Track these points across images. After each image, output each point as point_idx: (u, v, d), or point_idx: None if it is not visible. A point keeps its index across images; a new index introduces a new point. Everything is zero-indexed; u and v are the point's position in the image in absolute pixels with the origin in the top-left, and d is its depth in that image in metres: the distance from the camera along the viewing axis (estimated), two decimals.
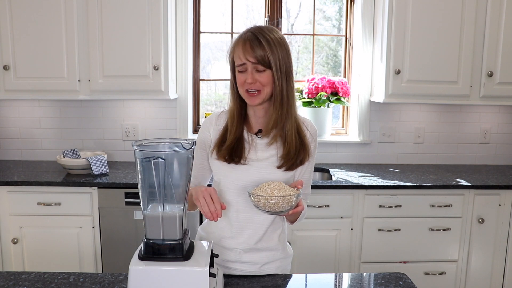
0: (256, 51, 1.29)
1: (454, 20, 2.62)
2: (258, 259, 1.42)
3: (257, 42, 1.29)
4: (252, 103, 1.35)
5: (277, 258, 1.45)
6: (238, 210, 1.39)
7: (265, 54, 1.29)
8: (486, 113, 3.08)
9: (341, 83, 2.94)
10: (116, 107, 2.96)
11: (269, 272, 1.43)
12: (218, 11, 3.11)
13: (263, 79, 1.31)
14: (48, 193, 2.43)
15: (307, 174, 1.46)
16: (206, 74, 3.19)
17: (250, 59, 1.30)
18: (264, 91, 1.33)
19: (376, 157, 3.09)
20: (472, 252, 2.58)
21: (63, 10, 2.52)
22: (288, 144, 1.36)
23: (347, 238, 2.52)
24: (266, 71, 1.31)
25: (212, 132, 1.44)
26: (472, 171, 2.87)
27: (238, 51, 1.32)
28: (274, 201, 1.20)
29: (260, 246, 1.41)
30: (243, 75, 1.32)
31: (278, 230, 1.46)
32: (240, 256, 1.41)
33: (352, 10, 3.07)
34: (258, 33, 1.31)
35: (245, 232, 1.40)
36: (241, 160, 1.36)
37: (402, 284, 1.30)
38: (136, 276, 1.07)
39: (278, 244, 1.45)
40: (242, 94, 1.36)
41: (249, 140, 1.39)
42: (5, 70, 2.56)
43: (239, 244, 1.41)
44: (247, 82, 1.31)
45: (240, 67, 1.33)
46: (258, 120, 1.42)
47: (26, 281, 1.26)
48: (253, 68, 1.31)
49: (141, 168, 1.10)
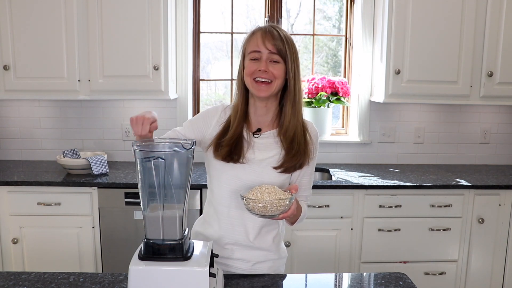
0: (276, 40, 1.31)
1: (454, 20, 2.62)
2: (250, 257, 1.42)
3: (277, 34, 1.32)
4: (260, 94, 1.33)
5: (269, 259, 1.45)
6: (230, 206, 1.39)
7: (284, 46, 1.31)
8: (486, 113, 3.08)
9: (341, 83, 2.94)
10: (116, 107, 2.96)
11: (260, 271, 1.43)
12: (218, 11, 3.11)
13: (276, 71, 1.32)
14: (48, 193, 2.43)
15: (307, 177, 1.45)
16: (206, 74, 3.19)
17: (269, 47, 1.31)
18: (274, 84, 1.33)
19: (376, 157, 3.09)
20: (472, 252, 2.58)
21: (63, 10, 2.52)
22: (297, 144, 1.35)
23: (347, 238, 2.52)
24: (280, 64, 1.32)
25: (215, 123, 1.42)
26: (472, 171, 2.87)
27: (257, 39, 1.32)
28: (262, 205, 1.20)
29: (253, 245, 1.41)
30: (255, 64, 1.32)
31: (274, 232, 1.45)
32: (231, 253, 1.41)
33: (352, 10, 3.07)
34: (276, 27, 1.35)
35: (236, 229, 1.40)
36: (239, 159, 1.35)
37: (402, 284, 1.30)
38: (136, 276, 1.07)
39: (272, 246, 1.44)
40: (250, 84, 1.34)
41: (247, 139, 1.38)
42: (5, 70, 2.56)
43: (229, 240, 1.40)
44: (260, 69, 1.31)
45: (254, 54, 1.32)
46: (258, 119, 1.41)
47: (26, 281, 1.26)
48: (268, 57, 1.31)
49: (141, 168, 1.10)
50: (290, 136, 1.36)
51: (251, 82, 1.34)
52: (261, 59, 1.31)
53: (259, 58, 1.32)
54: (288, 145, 1.36)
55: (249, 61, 1.34)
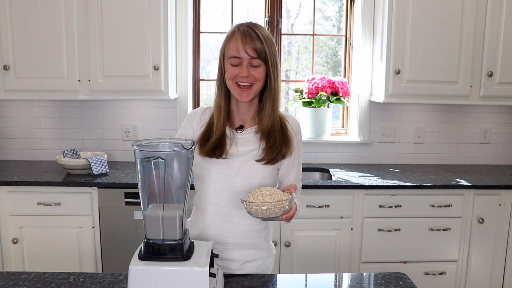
0: (256, 44, 1.30)
1: (454, 20, 2.62)
2: (239, 257, 1.42)
3: (255, 36, 1.31)
4: (243, 99, 1.35)
5: (258, 257, 1.45)
6: (217, 204, 1.39)
7: (264, 48, 1.31)
8: (486, 113, 3.08)
9: (341, 83, 2.94)
10: (116, 107, 2.96)
11: (249, 271, 1.43)
12: (218, 11, 3.11)
13: (257, 74, 1.33)
14: (48, 193, 2.43)
15: (295, 168, 1.47)
16: (206, 74, 3.19)
17: (250, 52, 1.30)
18: (256, 86, 1.34)
19: (376, 157, 3.09)
20: (472, 252, 2.58)
21: (63, 10, 2.52)
22: (273, 137, 1.38)
23: (347, 238, 2.52)
24: (260, 67, 1.33)
25: (195, 127, 1.45)
26: (472, 171, 2.87)
27: (236, 43, 1.31)
28: (266, 207, 1.20)
29: (242, 242, 1.41)
30: (236, 69, 1.32)
31: (264, 230, 1.45)
32: (221, 252, 1.41)
33: (352, 10, 3.07)
34: (254, 28, 1.33)
35: (225, 226, 1.40)
36: (222, 154, 1.37)
37: (402, 284, 1.30)
38: (136, 276, 1.07)
39: (263, 243, 1.45)
40: (232, 87, 1.35)
41: (230, 136, 1.40)
42: (5, 70, 2.56)
43: (219, 239, 1.40)
44: (242, 75, 1.31)
45: (234, 60, 1.32)
46: (241, 116, 1.43)
47: (26, 281, 1.26)
48: (249, 62, 1.32)
49: (141, 168, 1.10)
50: (266, 130, 1.38)
51: (233, 86, 1.35)
52: (242, 64, 1.32)
53: (239, 64, 1.32)
54: (265, 139, 1.39)
55: (229, 65, 1.34)
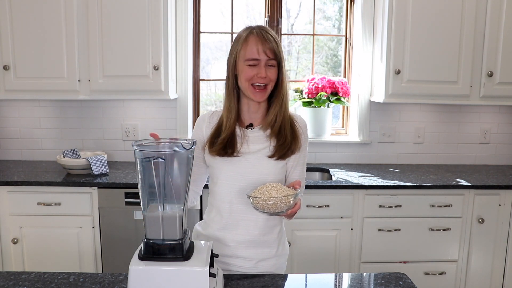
0: (273, 46, 1.36)
1: (454, 20, 2.62)
2: (254, 255, 1.43)
3: (271, 38, 1.36)
4: (259, 99, 1.39)
5: (273, 256, 1.46)
6: (232, 202, 1.41)
7: (278, 49, 1.37)
8: (486, 113, 3.08)
9: (341, 83, 2.94)
10: (116, 107, 2.96)
11: (263, 269, 1.44)
12: (218, 11, 3.11)
13: (272, 75, 1.38)
14: (48, 193, 2.43)
15: (299, 167, 1.49)
16: (206, 74, 3.19)
17: (268, 54, 1.35)
18: (270, 86, 1.39)
19: (376, 157, 3.09)
20: (472, 252, 2.58)
21: (63, 10, 2.52)
22: (284, 135, 1.41)
23: (347, 238, 2.52)
24: (275, 67, 1.38)
25: (205, 130, 1.48)
26: (472, 171, 2.87)
27: (255, 45, 1.35)
28: (272, 202, 1.22)
29: (257, 240, 1.42)
30: (253, 70, 1.36)
31: (277, 227, 1.48)
32: (235, 250, 1.42)
33: (352, 10, 3.07)
34: (267, 30, 1.39)
35: (240, 224, 1.42)
36: (234, 153, 1.40)
37: (402, 284, 1.30)
38: (136, 276, 1.07)
39: (276, 241, 1.47)
40: (247, 89, 1.39)
41: (241, 134, 1.43)
42: (5, 70, 2.56)
43: (234, 236, 1.42)
44: (260, 76, 1.35)
45: (252, 61, 1.36)
46: (251, 116, 1.46)
47: (26, 281, 1.27)
48: (266, 63, 1.36)
49: (141, 168, 1.10)
50: (277, 129, 1.42)
51: (248, 87, 1.38)
52: (259, 65, 1.36)
53: (257, 64, 1.36)
54: (276, 137, 1.42)
55: (246, 66, 1.37)
